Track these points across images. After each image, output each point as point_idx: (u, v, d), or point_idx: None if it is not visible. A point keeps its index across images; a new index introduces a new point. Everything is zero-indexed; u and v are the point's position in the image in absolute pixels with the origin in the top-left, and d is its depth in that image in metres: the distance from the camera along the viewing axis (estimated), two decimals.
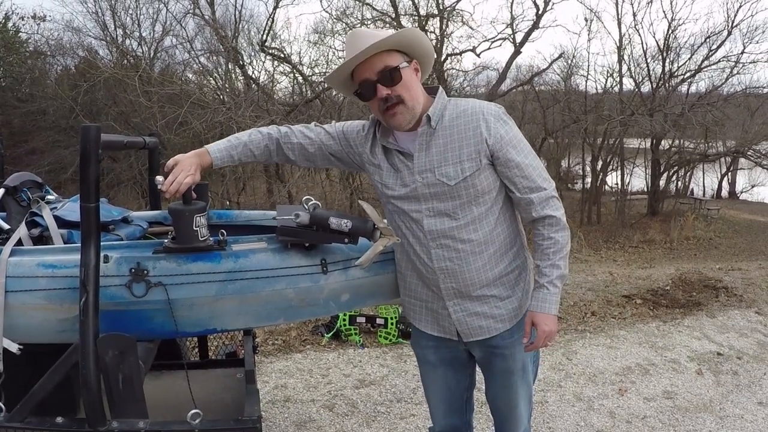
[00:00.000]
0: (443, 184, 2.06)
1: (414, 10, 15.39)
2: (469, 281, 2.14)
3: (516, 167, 2.06)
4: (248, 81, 15.62)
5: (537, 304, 2.13)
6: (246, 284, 2.13)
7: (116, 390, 2.05)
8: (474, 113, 2.06)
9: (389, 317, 5.44)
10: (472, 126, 2.05)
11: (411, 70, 2.08)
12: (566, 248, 2.14)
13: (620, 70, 19.16)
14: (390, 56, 2.04)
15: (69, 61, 18.46)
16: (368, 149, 2.25)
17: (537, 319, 2.13)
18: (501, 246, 2.15)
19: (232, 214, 3.00)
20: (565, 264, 2.14)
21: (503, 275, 2.17)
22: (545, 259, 2.12)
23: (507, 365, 2.26)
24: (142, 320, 2.12)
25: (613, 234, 17.26)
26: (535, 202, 2.09)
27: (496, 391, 2.35)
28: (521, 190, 2.09)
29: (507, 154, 2.05)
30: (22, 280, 2.12)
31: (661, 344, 5.44)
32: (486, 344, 2.24)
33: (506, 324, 2.20)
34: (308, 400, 4.29)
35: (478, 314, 2.18)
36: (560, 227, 2.12)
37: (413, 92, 2.06)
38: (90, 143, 1.94)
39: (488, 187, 2.09)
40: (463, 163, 2.05)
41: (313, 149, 2.31)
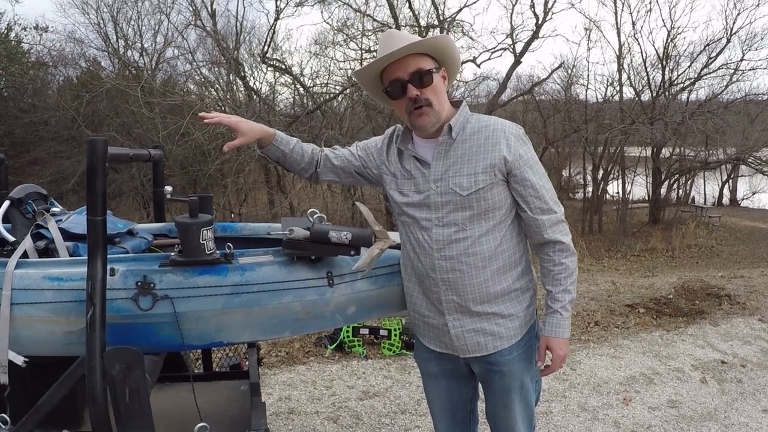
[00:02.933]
0: (455, 194, 2.08)
1: (414, 20, 15.45)
2: (470, 295, 2.13)
3: (531, 187, 2.10)
4: (249, 92, 15.67)
5: (552, 329, 2.17)
6: (253, 297, 2.13)
7: (123, 403, 2.05)
8: (496, 130, 2.10)
9: (393, 329, 5.43)
10: (492, 141, 2.08)
11: (440, 77, 2.12)
12: (575, 273, 2.19)
13: (620, 79, 19.25)
14: (423, 59, 2.08)
15: (71, 72, 18.55)
16: (385, 159, 2.29)
17: (552, 344, 2.18)
18: (506, 263, 2.16)
19: (237, 226, 3.00)
20: (574, 289, 2.19)
21: (506, 293, 2.17)
22: (557, 285, 2.16)
23: (505, 383, 2.25)
24: (148, 333, 2.12)
25: (615, 243, 17.26)
26: (546, 224, 2.12)
27: (495, 409, 2.34)
28: (533, 210, 2.12)
29: (524, 173, 2.09)
30: (28, 293, 2.12)
31: (665, 353, 5.43)
32: (484, 361, 2.23)
33: (505, 342, 2.20)
34: (312, 412, 4.28)
35: (477, 330, 2.18)
36: (570, 253, 2.17)
37: (441, 97, 2.10)
38: (97, 156, 1.94)
39: (499, 203, 2.11)
40: (477, 175, 2.07)
41: (341, 165, 2.38)
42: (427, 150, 2.16)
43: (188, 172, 14.11)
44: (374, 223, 2.18)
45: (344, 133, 14.06)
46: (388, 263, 2.38)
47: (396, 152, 2.26)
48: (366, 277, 2.31)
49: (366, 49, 15.56)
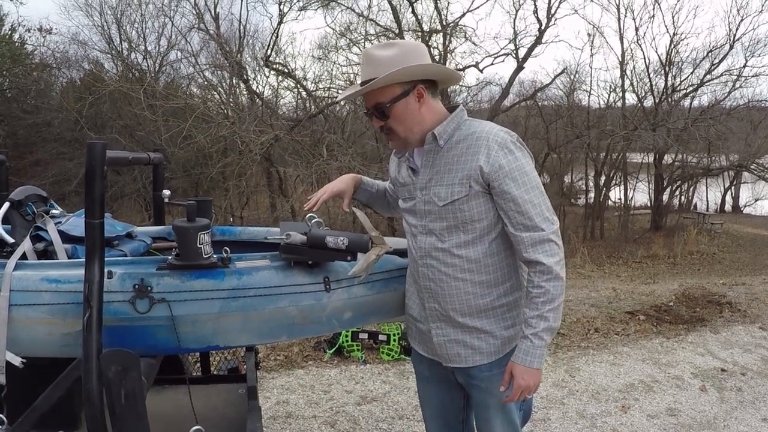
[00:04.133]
0: (433, 204, 2.07)
1: (417, 25, 15.48)
2: (450, 306, 2.11)
3: (512, 201, 1.97)
4: (252, 96, 15.70)
5: (519, 355, 2.02)
6: (249, 301, 2.13)
7: (118, 405, 2.05)
8: (479, 138, 2.01)
9: (392, 333, 5.43)
10: (472, 150, 2.01)
11: (408, 100, 2.05)
12: (558, 300, 1.99)
13: (623, 84, 19.27)
14: (382, 92, 2.03)
15: (74, 74, 18.60)
16: (393, 168, 2.34)
17: (516, 371, 2.02)
18: (491, 278, 2.09)
19: (236, 230, 3.01)
20: (555, 316, 1.99)
21: (489, 308, 2.11)
22: (533, 309, 1.99)
23: (483, 399, 2.21)
24: (145, 336, 2.12)
25: (617, 249, 17.24)
26: (527, 241, 1.97)
27: (478, 421, 2.31)
28: (515, 226, 1.99)
29: (503, 185, 1.97)
30: (26, 294, 2.13)
31: (665, 361, 5.43)
32: (465, 373, 2.20)
33: (484, 358, 2.14)
34: (310, 416, 4.28)
35: (458, 342, 2.15)
36: (552, 276, 1.97)
37: (406, 123, 2.06)
38: (96, 160, 1.94)
39: (477, 216, 2.03)
40: (454, 186, 2.02)
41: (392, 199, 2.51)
42: (419, 157, 2.16)
43: (190, 175, 14.14)
44: (371, 228, 2.19)
45: (346, 137, 14.08)
46: (385, 269, 2.38)
47: (396, 161, 2.30)
48: (363, 283, 2.31)
49: None
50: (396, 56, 1.99)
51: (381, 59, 2.00)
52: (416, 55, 2.02)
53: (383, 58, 2.00)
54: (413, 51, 2.04)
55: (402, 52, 2.01)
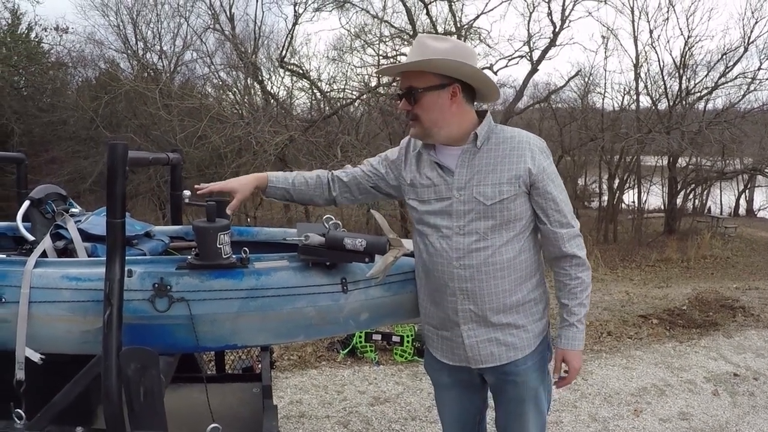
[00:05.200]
0: (479, 203, 2.09)
1: (432, 27, 15.46)
2: (488, 305, 2.14)
3: (552, 200, 2.12)
4: (267, 96, 15.74)
5: (568, 342, 2.22)
6: (267, 302, 2.16)
7: (137, 402, 2.08)
8: (521, 141, 2.12)
9: (405, 335, 5.45)
10: (517, 153, 2.10)
11: (441, 93, 2.09)
12: (590, 287, 2.23)
13: (637, 87, 19.16)
14: (418, 77, 2.08)
15: (90, 73, 18.70)
16: (402, 169, 2.31)
17: (568, 356, 2.23)
18: (522, 274, 2.17)
19: (253, 231, 3.03)
20: (588, 302, 2.24)
21: (521, 303, 2.18)
22: (573, 299, 2.20)
23: (519, 393, 2.26)
24: (163, 334, 2.15)
25: (630, 252, 17.15)
26: (565, 237, 2.15)
27: (508, 419, 2.34)
28: (553, 223, 2.14)
29: (547, 186, 2.11)
30: (46, 292, 2.16)
31: (677, 365, 5.42)
32: (499, 371, 2.24)
33: (519, 353, 2.21)
34: (323, 416, 4.30)
35: (491, 341, 2.18)
36: (585, 267, 2.20)
37: (432, 114, 2.10)
38: (117, 160, 1.98)
39: (521, 214, 2.13)
40: (502, 185, 2.08)
41: (355, 183, 2.42)
42: (450, 157, 2.17)
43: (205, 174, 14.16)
44: (389, 231, 2.20)
45: (360, 138, 14.09)
46: (401, 271, 2.39)
47: (414, 160, 2.27)
48: (380, 284, 2.33)
49: (383, 55, 15.59)
50: (446, 50, 2.05)
51: (430, 47, 2.06)
52: (463, 55, 2.07)
53: (433, 47, 2.06)
54: (462, 50, 2.09)
55: (452, 49, 2.06)
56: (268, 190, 2.38)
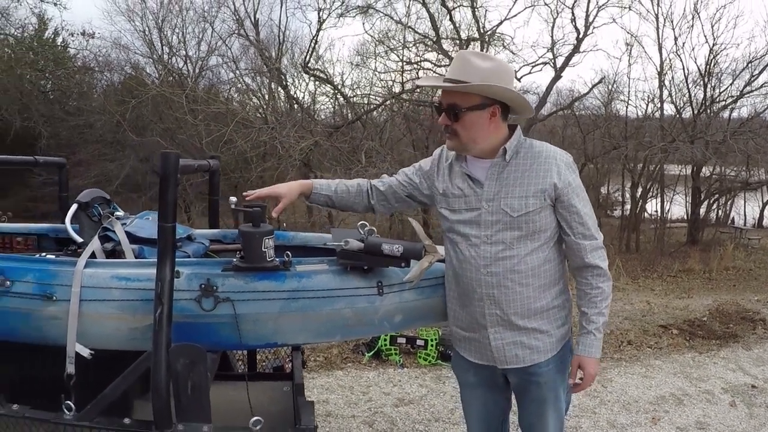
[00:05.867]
0: (506, 214, 2.20)
1: (455, 33, 15.52)
2: (513, 310, 2.25)
3: (576, 213, 2.22)
4: (291, 101, 15.89)
5: (585, 349, 2.31)
6: (308, 303, 2.29)
7: (184, 396, 2.20)
8: (548, 157, 2.22)
9: (429, 339, 5.55)
10: (544, 168, 2.20)
11: (482, 113, 2.18)
12: (610, 297, 2.32)
13: (661, 95, 19.00)
14: (462, 96, 2.18)
15: (115, 77, 18.96)
16: (435, 179, 2.41)
17: (584, 363, 2.31)
18: (547, 281, 2.27)
19: (289, 235, 3.15)
20: (608, 312, 2.33)
21: (546, 309, 2.29)
22: (593, 307, 2.29)
23: (541, 393, 2.37)
24: (209, 332, 2.28)
25: (652, 263, 17.04)
26: (588, 249, 2.24)
27: (529, 417, 2.45)
28: (576, 235, 2.25)
29: (572, 200, 2.21)
30: (96, 291, 2.30)
31: (696, 375, 5.46)
32: (522, 372, 2.34)
33: (541, 356, 2.31)
34: (349, 416, 4.41)
35: (516, 343, 2.29)
36: (606, 278, 2.30)
37: (471, 132, 2.20)
38: (170, 168, 2.11)
39: (545, 226, 2.23)
40: (528, 198, 2.19)
41: (391, 193, 2.53)
42: (480, 169, 2.28)
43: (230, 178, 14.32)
44: (425, 237, 2.32)
45: (384, 144, 14.17)
46: (433, 275, 2.50)
47: (446, 171, 2.37)
48: (413, 288, 2.45)
49: (407, 61, 15.67)
50: (489, 70, 2.14)
51: (476, 67, 2.15)
52: (507, 77, 2.19)
53: (478, 67, 2.15)
54: (505, 72, 2.19)
55: (495, 69, 2.16)
56: (312, 196, 2.50)
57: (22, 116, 15.81)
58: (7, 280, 2.35)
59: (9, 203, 13.35)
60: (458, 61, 2.22)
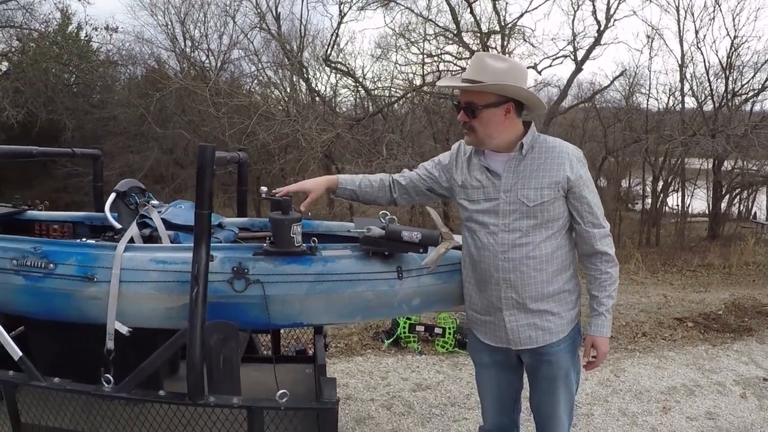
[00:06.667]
0: (523, 204, 2.36)
1: (476, 26, 15.55)
2: (528, 294, 2.40)
3: (587, 204, 2.40)
4: (312, 94, 16.03)
5: (597, 329, 2.49)
6: (332, 285, 2.46)
7: (216, 370, 2.38)
8: (561, 152, 2.40)
9: (447, 327, 5.70)
10: (558, 161, 2.37)
11: (497, 111, 2.35)
12: (617, 281, 2.50)
13: (682, 88, 18.85)
14: (478, 95, 2.34)
15: (139, 71, 19.22)
16: (454, 172, 2.56)
17: (597, 342, 2.50)
18: (559, 267, 2.43)
19: (313, 223, 3.32)
20: (616, 294, 2.51)
21: (558, 293, 2.45)
22: (602, 291, 2.46)
23: (552, 372, 2.52)
24: (240, 312, 2.45)
25: (672, 257, 17.00)
26: (597, 236, 2.42)
27: (540, 396, 2.61)
28: (586, 224, 2.41)
29: (582, 191, 2.38)
30: (135, 273, 2.49)
31: (709, 367, 5.53)
32: (535, 352, 2.50)
33: (553, 337, 2.47)
34: (368, 399, 4.59)
35: (530, 325, 2.44)
36: (614, 263, 2.47)
37: (488, 128, 2.36)
38: (206, 160, 2.29)
39: (559, 215, 2.39)
40: (543, 189, 2.36)
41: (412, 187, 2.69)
42: (498, 163, 2.44)
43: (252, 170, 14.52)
44: (441, 225, 2.47)
45: (405, 137, 14.29)
46: (450, 262, 2.65)
47: (465, 164, 2.53)
48: (431, 273, 2.61)
49: (427, 54, 15.73)
50: (503, 71, 2.31)
51: (491, 67, 2.32)
52: (519, 77, 2.35)
53: (493, 68, 2.31)
54: (518, 72, 2.36)
55: (509, 69, 2.32)
56: (338, 190, 2.68)
57: (48, 109, 16.06)
58: (51, 263, 2.54)
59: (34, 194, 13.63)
60: (475, 62, 2.38)
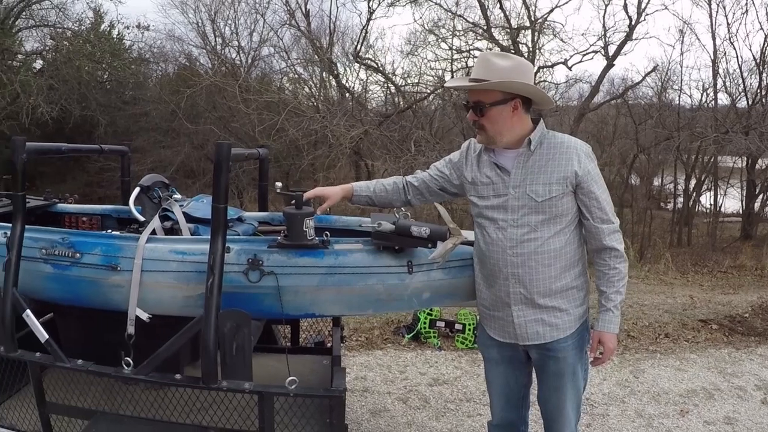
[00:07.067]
0: (531, 199, 2.40)
1: (505, 21, 15.45)
2: (536, 289, 2.44)
3: (595, 199, 2.42)
4: (342, 90, 16.11)
5: (604, 325, 2.50)
6: (343, 278, 2.54)
7: (230, 356, 2.48)
8: (569, 147, 2.43)
9: (467, 323, 5.75)
10: (566, 157, 2.40)
11: (504, 108, 2.39)
12: (626, 277, 2.51)
13: (715, 84, 18.48)
14: (485, 93, 2.39)
15: (170, 68, 19.47)
16: (464, 170, 2.62)
17: (604, 338, 2.51)
18: (567, 263, 2.46)
19: (332, 218, 3.41)
20: (624, 290, 2.51)
21: (566, 289, 2.48)
22: (611, 287, 2.48)
23: (559, 368, 2.55)
24: (254, 302, 2.55)
25: (703, 257, 16.75)
26: (605, 232, 2.43)
27: (547, 392, 2.64)
28: (595, 219, 2.43)
29: (591, 186, 2.40)
30: (156, 263, 2.60)
31: (730, 371, 5.46)
32: (542, 348, 2.53)
33: (561, 333, 2.50)
34: (384, 392, 4.66)
35: (537, 321, 2.48)
36: (623, 259, 2.48)
37: (497, 125, 2.41)
38: (223, 157, 2.40)
39: (567, 210, 2.42)
40: (551, 185, 2.39)
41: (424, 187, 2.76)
42: (507, 159, 2.48)
43: (282, 165, 14.70)
44: (450, 221, 2.53)
45: (434, 133, 14.28)
46: (460, 257, 2.71)
47: (475, 161, 2.58)
48: (441, 268, 2.67)
49: (457, 50, 15.66)
50: (508, 68, 2.37)
51: (496, 66, 2.38)
52: (524, 74, 2.40)
53: (498, 66, 2.37)
54: (523, 69, 2.42)
55: (513, 67, 2.38)
56: (354, 198, 2.78)
57: (81, 105, 16.34)
58: (77, 252, 2.67)
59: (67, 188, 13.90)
60: (480, 61, 2.44)
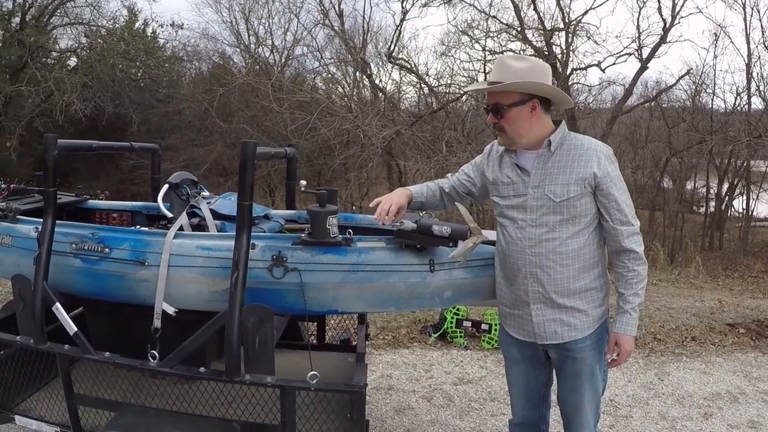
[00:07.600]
0: (549, 200, 2.42)
1: (539, 23, 15.36)
2: (553, 288, 2.46)
3: (614, 201, 2.42)
4: (375, 90, 16.13)
5: (622, 327, 2.50)
6: (366, 275, 2.58)
7: (252, 350, 2.54)
8: (589, 149, 2.44)
9: (494, 323, 5.76)
10: (585, 158, 2.42)
11: (523, 108, 2.42)
12: (645, 280, 2.50)
13: (749, 88, 18.23)
14: (503, 95, 2.42)
15: (204, 66, 19.67)
16: (486, 171, 2.66)
17: (621, 340, 2.51)
18: (586, 264, 2.47)
19: (357, 217, 3.46)
20: (643, 293, 2.51)
21: (584, 290, 2.49)
22: (629, 289, 2.48)
23: (577, 368, 2.56)
24: (278, 297, 2.59)
25: (734, 262, 16.51)
26: (624, 234, 2.43)
27: (566, 392, 2.66)
28: (614, 221, 2.43)
29: (610, 188, 2.41)
30: (182, 258, 2.66)
31: (756, 375, 5.41)
32: (561, 348, 2.55)
33: (579, 333, 2.51)
34: (409, 391, 4.69)
35: (556, 321, 2.50)
36: (642, 261, 2.48)
37: (516, 126, 2.44)
38: (248, 155, 2.45)
39: (585, 211, 2.44)
40: (570, 186, 2.41)
41: (453, 192, 2.82)
42: (527, 159, 2.51)
43: (314, 165, 14.76)
44: (470, 220, 2.55)
45: (466, 134, 14.23)
46: (482, 257, 2.74)
47: (497, 162, 2.61)
48: (462, 267, 2.69)
49: (490, 50, 15.61)
50: (525, 70, 2.40)
51: (512, 68, 2.41)
52: (540, 74, 2.43)
53: (514, 68, 2.41)
54: (539, 70, 2.44)
55: (530, 68, 2.41)
56: (412, 203, 2.79)
57: (114, 103, 16.53)
58: (106, 248, 2.75)
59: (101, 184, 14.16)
60: (497, 64, 2.47)
